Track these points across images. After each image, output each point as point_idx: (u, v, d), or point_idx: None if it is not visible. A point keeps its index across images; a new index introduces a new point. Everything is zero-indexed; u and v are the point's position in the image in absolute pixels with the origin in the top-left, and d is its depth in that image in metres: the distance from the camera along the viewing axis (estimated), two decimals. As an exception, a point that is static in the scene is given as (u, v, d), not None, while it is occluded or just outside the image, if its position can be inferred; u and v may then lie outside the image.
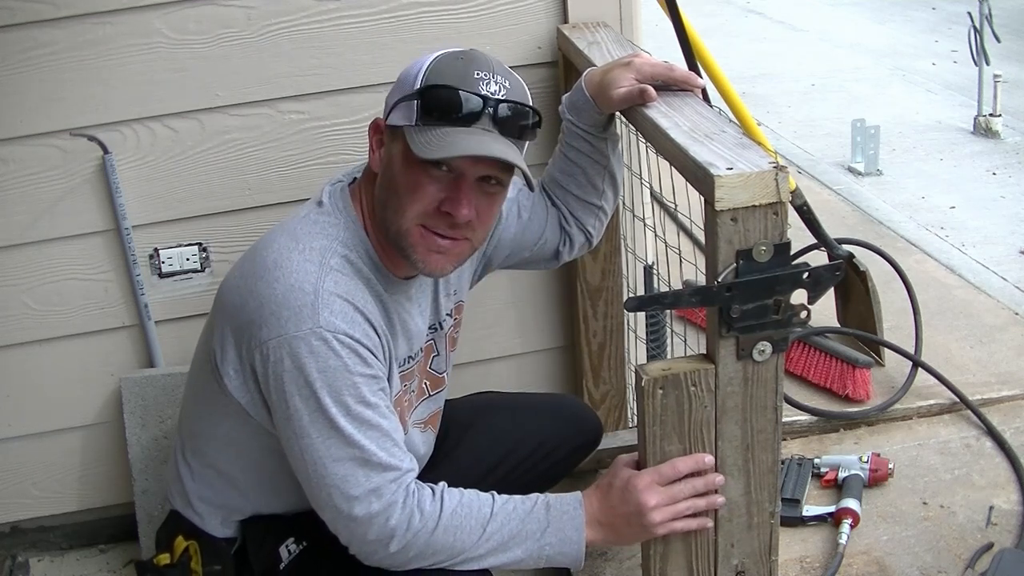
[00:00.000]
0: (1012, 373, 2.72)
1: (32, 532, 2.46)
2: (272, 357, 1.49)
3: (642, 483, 1.50)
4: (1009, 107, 5.09)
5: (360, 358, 1.50)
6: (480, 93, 1.50)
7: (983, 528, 2.18)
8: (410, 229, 1.53)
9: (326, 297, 1.49)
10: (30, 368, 2.28)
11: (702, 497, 1.51)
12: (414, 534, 1.50)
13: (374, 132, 1.61)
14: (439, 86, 1.50)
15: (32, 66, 2.06)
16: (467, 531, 1.52)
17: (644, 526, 1.51)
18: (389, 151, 1.56)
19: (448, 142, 1.48)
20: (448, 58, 1.54)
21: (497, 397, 2.15)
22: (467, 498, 1.54)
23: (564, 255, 1.95)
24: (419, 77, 1.53)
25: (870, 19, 7.74)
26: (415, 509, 1.51)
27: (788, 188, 1.35)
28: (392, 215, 1.54)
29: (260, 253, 1.56)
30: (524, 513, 1.54)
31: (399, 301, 1.64)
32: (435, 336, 1.78)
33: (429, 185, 1.51)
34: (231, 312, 1.55)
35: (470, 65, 1.52)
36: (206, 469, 1.72)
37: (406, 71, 1.57)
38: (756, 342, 1.42)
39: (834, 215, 3.87)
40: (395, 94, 1.57)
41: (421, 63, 1.55)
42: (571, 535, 1.54)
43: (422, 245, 1.54)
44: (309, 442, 1.50)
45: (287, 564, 1.70)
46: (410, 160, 1.50)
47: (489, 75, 1.52)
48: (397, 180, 1.53)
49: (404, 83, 1.56)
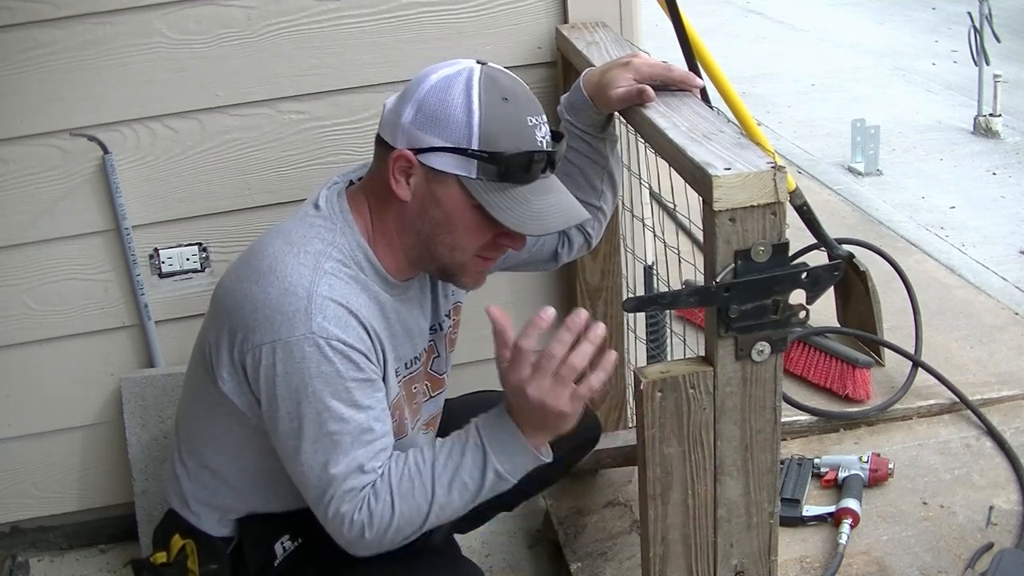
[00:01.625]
0: (1012, 373, 2.72)
1: (32, 532, 2.47)
2: (264, 361, 1.49)
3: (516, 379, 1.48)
4: (1009, 107, 5.09)
5: (352, 363, 1.50)
6: (543, 148, 1.53)
7: (983, 528, 2.18)
8: (466, 262, 1.59)
9: (319, 301, 1.49)
10: (30, 368, 2.29)
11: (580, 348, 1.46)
12: (379, 516, 1.51)
13: (398, 160, 1.53)
14: (515, 154, 1.50)
15: (32, 66, 2.06)
16: (421, 487, 1.52)
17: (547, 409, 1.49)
18: (431, 190, 1.53)
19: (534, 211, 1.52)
20: (494, 101, 1.50)
21: (496, 396, 2.15)
22: (411, 459, 1.54)
23: (563, 256, 1.95)
24: (473, 129, 1.48)
25: (870, 19, 7.74)
26: (370, 495, 1.52)
27: (786, 188, 1.35)
28: (447, 251, 1.58)
29: (255, 256, 1.56)
30: (462, 445, 1.54)
31: (399, 303, 1.65)
32: (435, 337, 1.78)
33: (489, 229, 1.55)
34: (225, 314, 1.56)
35: (519, 111, 1.52)
36: (202, 469, 1.72)
37: (438, 103, 1.50)
38: (755, 342, 1.42)
39: (834, 215, 3.87)
40: (430, 131, 1.50)
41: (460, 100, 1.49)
42: (512, 443, 1.53)
43: (474, 271, 1.62)
44: (298, 444, 1.51)
45: (281, 561, 1.71)
46: (472, 207, 1.52)
47: (538, 119, 1.54)
48: (454, 222, 1.54)
49: (445, 124, 1.49)
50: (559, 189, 1.60)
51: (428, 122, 1.51)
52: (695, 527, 1.54)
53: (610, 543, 2.20)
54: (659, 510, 1.51)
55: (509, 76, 1.57)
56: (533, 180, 1.53)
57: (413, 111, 1.52)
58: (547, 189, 1.56)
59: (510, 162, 1.50)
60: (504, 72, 1.57)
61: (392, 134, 1.54)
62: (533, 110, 1.54)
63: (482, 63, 1.56)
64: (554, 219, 1.56)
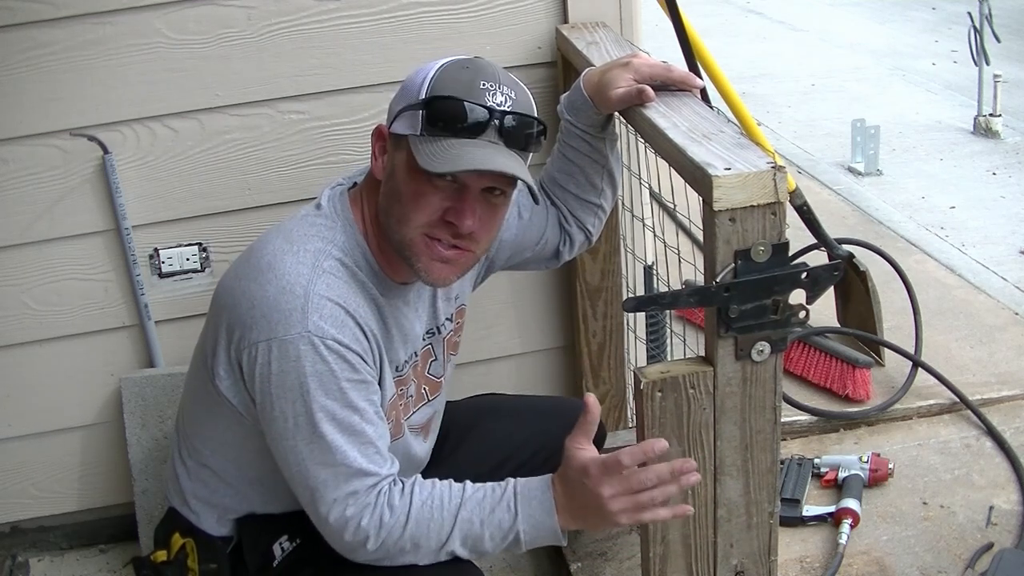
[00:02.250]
0: (1012, 373, 2.72)
1: (32, 532, 2.46)
2: (260, 359, 1.49)
3: (595, 472, 1.48)
4: (1009, 107, 5.09)
5: (348, 363, 1.50)
6: (486, 104, 1.50)
7: (983, 528, 2.18)
8: (414, 239, 1.53)
9: (316, 301, 1.49)
10: (30, 368, 2.29)
11: (669, 484, 1.46)
12: (388, 531, 1.51)
13: (377, 139, 1.60)
14: (445, 97, 1.49)
15: (32, 66, 2.06)
16: (439, 522, 1.52)
17: (605, 515, 1.49)
18: (392, 159, 1.56)
19: (454, 155, 1.47)
20: (454, 67, 1.53)
21: (499, 399, 2.15)
22: (437, 490, 1.54)
23: (564, 254, 1.95)
24: (424, 86, 1.52)
25: (870, 19, 7.74)
26: (385, 507, 1.51)
27: (786, 188, 1.35)
28: (396, 224, 1.54)
29: (255, 254, 1.56)
30: (494, 501, 1.54)
31: (396, 305, 1.64)
32: (433, 341, 1.78)
33: (433, 195, 1.51)
34: (224, 312, 1.56)
35: (476, 75, 1.52)
36: (202, 469, 1.72)
37: (410, 79, 1.56)
38: (755, 342, 1.42)
39: (834, 215, 3.87)
40: (399, 102, 1.56)
41: (426, 71, 1.54)
42: (543, 520, 1.53)
43: (425, 254, 1.54)
44: (292, 444, 1.51)
45: (280, 561, 1.71)
46: (415, 170, 1.50)
47: (495, 86, 1.52)
48: (401, 189, 1.53)
49: (408, 91, 1.55)
50: (501, 153, 1.50)
51: (399, 93, 1.57)
52: (695, 527, 1.54)
53: (610, 543, 2.20)
54: (659, 510, 1.51)
55: (495, 65, 1.57)
56: (473, 137, 1.49)
57: (396, 92, 1.58)
58: (484, 147, 1.49)
59: (442, 106, 1.48)
60: (491, 62, 1.58)
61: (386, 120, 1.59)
62: (492, 79, 1.52)
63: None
64: (466, 161, 1.47)
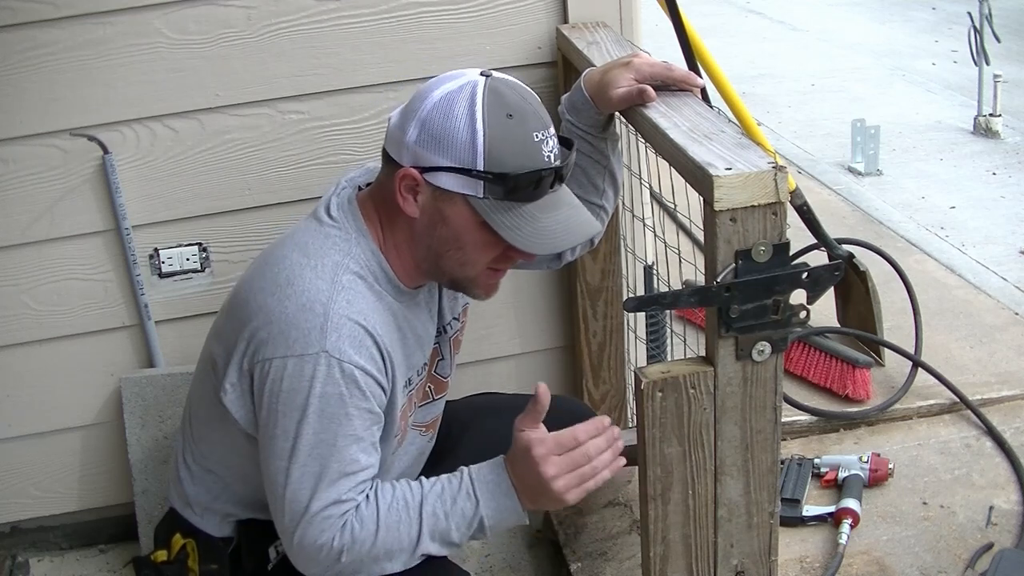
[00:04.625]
0: (1012, 373, 2.72)
1: (32, 532, 2.47)
2: (272, 375, 1.48)
3: (539, 454, 1.52)
4: (1009, 107, 5.08)
5: (359, 389, 1.49)
6: (551, 165, 1.50)
7: (983, 528, 2.18)
8: (479, 275, 1.59)
9: (336, 320, 1.48)
10: (30, 368, 2.29)
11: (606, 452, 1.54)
12: (360, 543, 1.51)
13: (408, 181, 1.52)
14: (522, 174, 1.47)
15: (32, 66, 2.06)
16: (407, 523, 1.53)
17: (552, 493, 1.53)
18: (439, 208, 1.52)
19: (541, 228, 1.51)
20: (498, 118, 1.47)
21: (498, 398, 2.15)
22: (399, 491, 1.55)
23: (566, 255, 1.95)
24: (478, 150, 1.46)
25: (870, 19, 7.74)
26: (353, 521, 1.51)
27: (787, 188, 1.35)
28: (458, 266, 1.57)
29: (271, 268, 1.55)
30: (454, 491, 1.55)
31: (410, 309, 1.65)
32: (440, 340, 1.78)
33: (499, 244, 1.54)
34: (238, 324, 1.55)
35: (525, 126, 1.48)
36: (206, 474, 1.72)
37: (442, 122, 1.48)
38: (755, 342, 1.42)
39: (834, 215, 3.87)
40: (434, 151, 1.48)
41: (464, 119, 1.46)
42: (504, 502, 1.55)
43: (485, 284, 1.61)
44: (284, 465, 1.50)
45: (274, 564, 1.71)
46: (480, 224, 1.51)
47: (544, 134, 1.50)
48: (463, 239, 1.53)
49: (449, 144, 1.47)
50: (569, 203, 1.58)
51: (432, 142, 1.49)
52: (695, 527, 1.54)
53: (610, 543, 2.20)
54: (659, 510, 1.51)
55: (515, 88, 1.53)
56: (542, 196, 1.51)
57: (417, 131, 1.49)
58: (556, 204, 1.54)
59: (517, 182, 1.48)
60: (510, 84, 1.53)
61: (398, 152, 1.53)
62: (539, 124, 1.51)
63: (486, 75, 1.52)
64: (563, 237, 1.55)
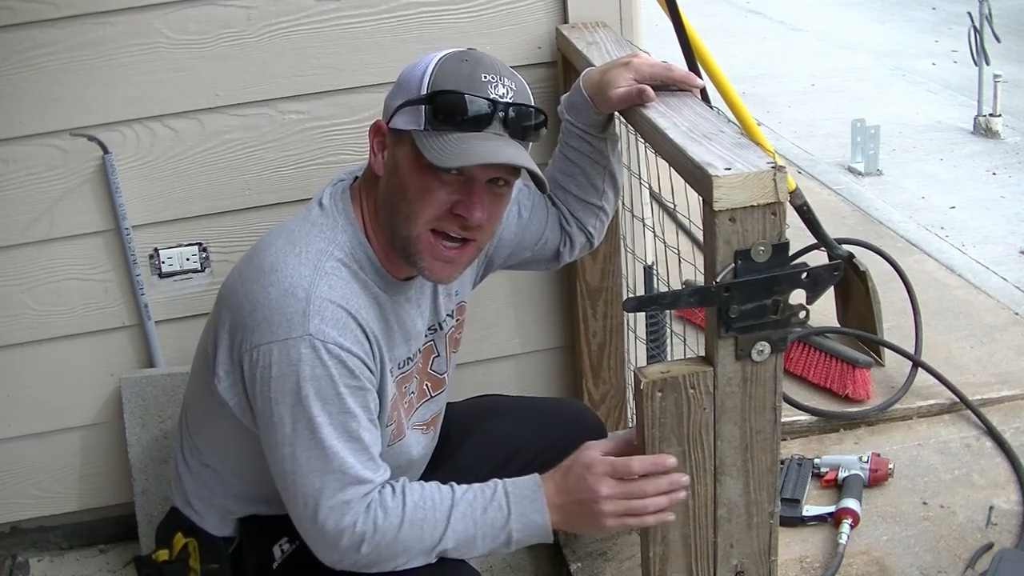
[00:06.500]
0: (1012, 373, 2.72)
1: (32, 532, 2.47)
2: (260, 362, 1.49)
3: (599, 471, 1.50)
4: (1009, 107, 5.09)
5: (347, 369, 1.49)
6: (489, 97, 1.50)
7: (983, 528, 2.18)
8: (420, 235, 1.53)
9: (318, 303, 1.48)
10: (30, 368, 2.29)
11: (663, 496, 1.48)
12: (382, 534, 1.51)
13: (375, 135, 1.59)
14: (448, 91, 1.49)
15: (32, 66, 2.06)
16: (432, 523, 1.52)
17: (594, 515, 1.51)
18: (394, 155, 1.55)
19: (463, 149, 1.47)
20: (452, 60, 1.53)
21: (500, 400, 2.15)
22: (428, 491, 1.54)
23: (565, 256, 1.95)
24: (424, 81, 1.51)
25: (870, 19, 7.74)
26: (378, 509, 1.51)
27: (786, 188, 1.35)
28: (402, 220, 1.54)
29: (258, 255, 1.56)
30: (486, 501, 1.54)
31: (398, 302, 1.64)
32: (435, 337, 1.78)
33: (440, 190, 1.51)
34: (226, 314, 1.56)
35: (476, 67, 1.52)
36: (204, 469, 1.72)
37: (408, 73, 1.56)
38: (755, 342, 1.42)
39: (834, 215, 3.87)
40: (397, 97, 1.55)
41: (424, 65, 1.54)
42: (535, 518, 1.54)
43: (429, 253, 1.54)
44: (290, 451, 1.50)
45: (279, 563, 1.71)
46: (420, 165, 1.50)
47: (496, 77, 1.52)
48: (407, 185, 1.52)
49: (407, 86, 1.54)
50: (508, 144, 1.51)
51: (396, 89, 1.57)
52: (695, 527, 1.54)
53: (610, 543, 2.20)
54: (659, 510, 1.51)
55: (491, 56, 1.57)
56: (478, 130, 1.49)
57: (391, 89, 1.58)
58: (491, 139, 1.50)
59: (446, 101, 1.48)
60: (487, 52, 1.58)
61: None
62: (492, 71, 1.53)
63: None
64: (476, 154, 1.47)
